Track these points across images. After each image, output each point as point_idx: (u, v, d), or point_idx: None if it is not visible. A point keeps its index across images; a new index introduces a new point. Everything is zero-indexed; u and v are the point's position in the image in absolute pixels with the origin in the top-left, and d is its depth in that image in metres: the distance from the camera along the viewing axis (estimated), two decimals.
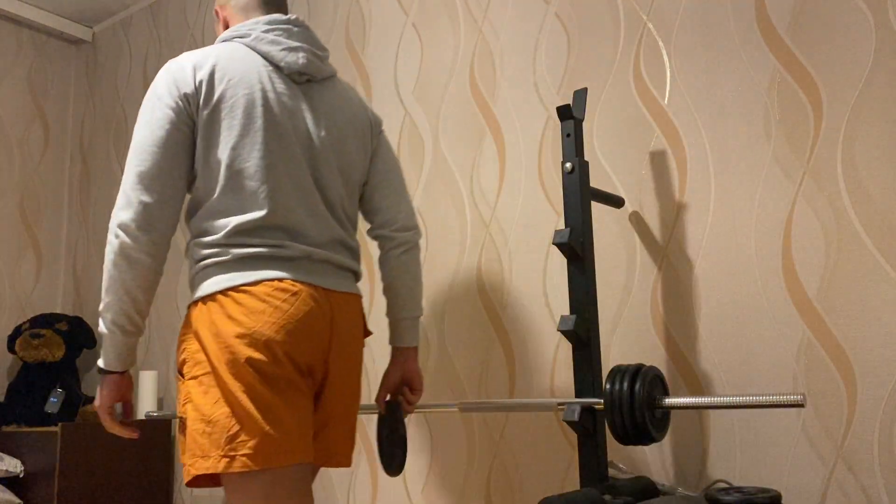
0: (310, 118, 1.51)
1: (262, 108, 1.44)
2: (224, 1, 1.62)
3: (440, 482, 2.18)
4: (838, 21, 1.66)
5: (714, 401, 1.43)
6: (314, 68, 1.53)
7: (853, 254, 1.58)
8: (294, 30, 1.53)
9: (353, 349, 1.51)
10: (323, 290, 1.44)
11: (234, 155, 1.41)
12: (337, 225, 1.52)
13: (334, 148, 1.53)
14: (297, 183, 1.45)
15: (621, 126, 1.96)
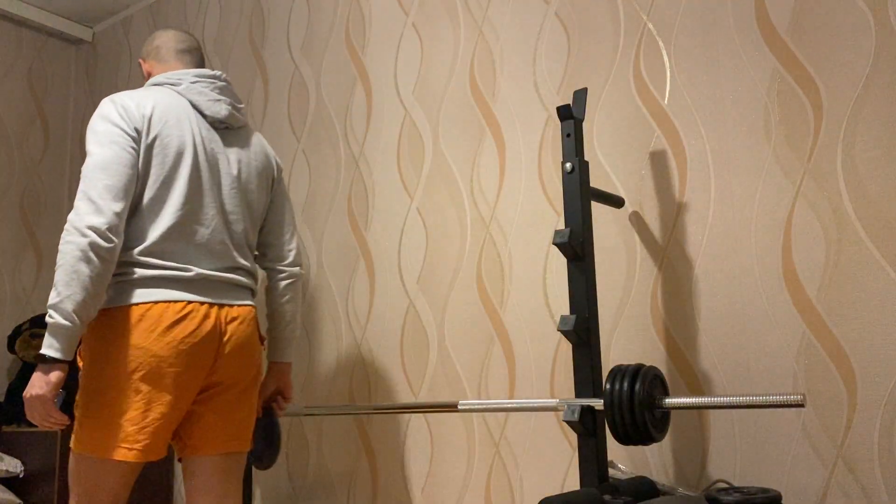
0: (225, 161, 1.77)
1: (190, 148, 1.69)
2: (146, 54, 1.91)
3: (440, 482, 2.18)
4: (838, 21, 1.66)
5: (714, 401, 1.43)
6: (233, 119, 1.80)
7: (853, 254, 1.59)
8: (218, 83, 1.81)
9: (244, 353, 1.71)
10: (217, 306, 1.68)
11: (160, 187, 1.65)
12: (237, 253, 1.76)
13: (243, 187, 1.79)
14: (206, 215, 1.70)
15: (621, 126, 1.96)
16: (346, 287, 2.50)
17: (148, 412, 1.57)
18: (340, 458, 2.43)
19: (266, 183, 1.86)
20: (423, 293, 2.30)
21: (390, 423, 2.32)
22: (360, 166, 2.53)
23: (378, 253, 2.43)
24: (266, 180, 1.86)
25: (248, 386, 1.73)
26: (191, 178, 1.68)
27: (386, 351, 2.36)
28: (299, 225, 2.67)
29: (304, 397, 2.55)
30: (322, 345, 2.53)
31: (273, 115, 2.84)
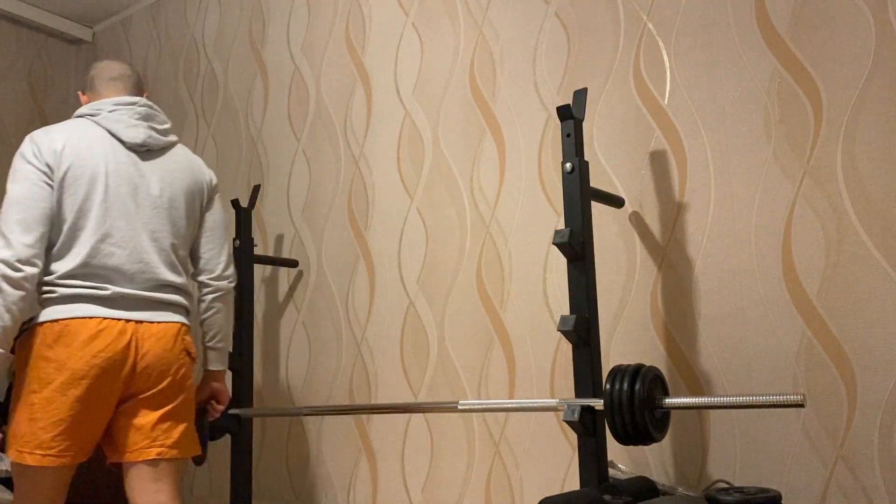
0: (146, 183, 1.87)
1: (103, 176, 1.81)
2: (83, 87, 2.01)
3: (440, 482, 2.18)
4: (838, 21, 1.66)
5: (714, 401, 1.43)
6: (152, 141, 1.90)
7: (853, 254, 1.59)
8: (137, 109, 1.91)
9: (161, 368, 1.80)
10: (134, 322, 1.78)
11: (76, 216, 1.78)
12: (166, 268, 1.87)
13: (167, 206, 1.89)
14: (123, 237, 1.82)
15: (621, 126, 1.96)
16: (346, 287, 2.50)
17: (61, 421, 1.68)
18: (340, 458, 2.43)
19: (196, 200, 1.96)
20: (423, 293, 2.30)
21: (390, 423, 2.32)
22: (360, 166, 2.53)
23: (378, 253, 2.43)
24: (196, 197, 1.96)
25: (168, 398, 1.82)
26: (105, 204, 1.80)
27: (386, 351, 2.36)
28: (299, 225, 2.67)
29: (304, 397, 2.56)
30: (322, 345, 2.53)
31: (273, 115, 2.84)
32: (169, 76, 3.32)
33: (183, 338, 1.87)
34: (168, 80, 3.32)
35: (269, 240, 2.77)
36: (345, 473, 2.41)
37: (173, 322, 1.86)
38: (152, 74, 3.40)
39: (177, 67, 3.29)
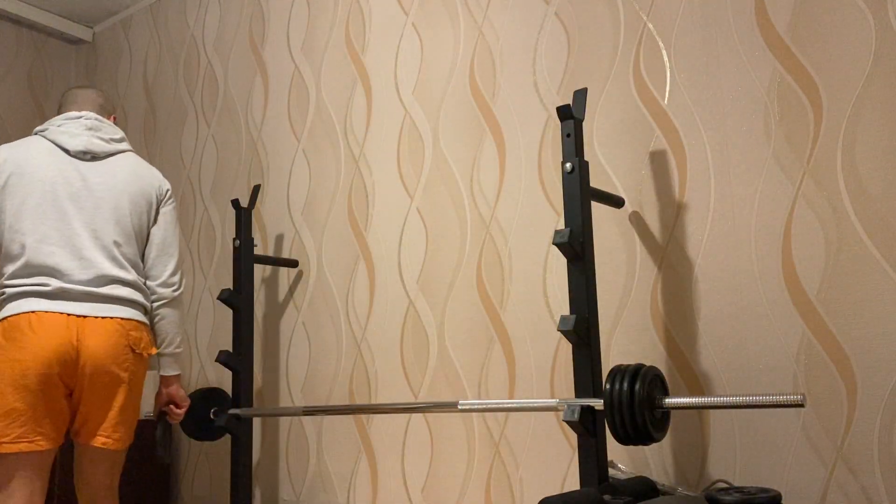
0: (88, 184, 2.00)
1: (40, 182, 1.95)
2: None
3: (440, 482, 2.18)
4: (838, 21, 1.66)
5: (714, 401, 1.43)
6: (95, 148, 2.04)
7: (853, 254, 1.59)
8: (83, 122, 2.06)
9: (102, 362, 1.89)
10: (75, 318, 1.88)
11: (14, 220, 1.92)
12: (110, 264, 1.97)
13: (110, 206, 2.00)
14: (62, 236, 1.94)
15: (621, 126, 1.96)
16: (346, 287, 2.50)
17: (13, 411, 1.80)
18: (340, 458, 2.43)
19: (142, 203, 2.07)
20: (423, 293, 2.30)
21: (390, 423, 2.32)
22: (360, 166, 2.53)
23: (378, 253, 2.43)
24: (141, 200, 2.07)
25: (109, 392, 1.92)
26: (41, 207, 1.94)
27: (386, 351, 2.36)
28: (299, 225, 2.67)
29: (304, 397, 2.56)
30: (322, 345, 2.53)
31: (273, 115, 2.84)
32: (169, 76, 3.32)
33: (128, 333, 1.94)
34: (168, 80, 3.32)
35: (269, 240, 2.77)
36: (345, 473, 2.41)
37: (117, 318, 1.94)
38: (152, 74, 3.40)
39: (177, 67, 3.29)
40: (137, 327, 1.98)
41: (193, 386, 2.92)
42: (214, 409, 2.39)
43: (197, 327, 2.95)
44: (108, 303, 1.94)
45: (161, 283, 2.09)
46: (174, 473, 2.92)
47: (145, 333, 2.00)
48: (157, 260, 2.11)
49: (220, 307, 2.89)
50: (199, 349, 2.94)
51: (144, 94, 3.42)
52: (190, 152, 3.15)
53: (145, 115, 3.39)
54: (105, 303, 1.94)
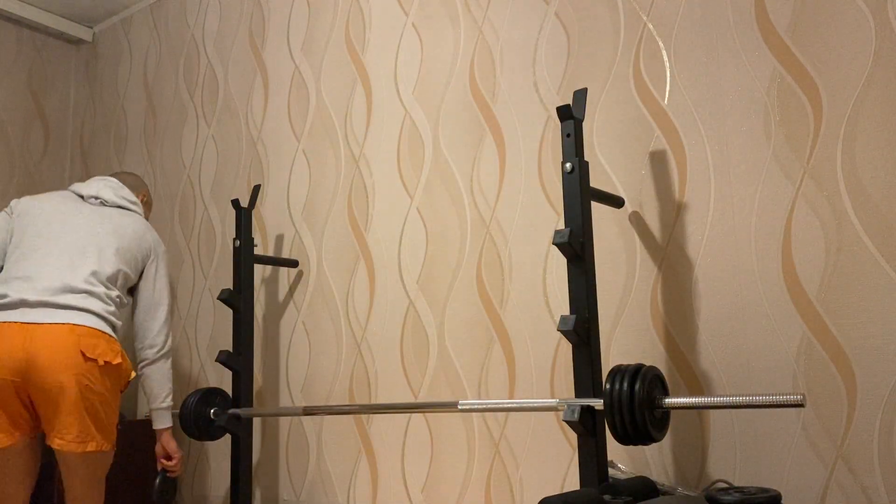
0: (86, 219, 2.23)
1: (43, 215, 2.21)
2: None
3: (440, 482, 2.18)
4: (838, 21, 1.66)
5: (714, 401, 1.43)
6: (106, 195, 2.33)
7: (853, 254, 1.59)
8: (106, 180, 2.38)
9: (52, 364, 1.98)
10: (28, 325, 2.01)
11: (13, 248, 2.18)
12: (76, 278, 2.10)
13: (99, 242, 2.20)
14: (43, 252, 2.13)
15: (621, 126, 1.96)
16: (346, 287, 2.50)
17: None
18: (340, 458, 2.43)
19: (132, 253, 2.27)
20: (423, 293, 2.30)
21: (390, 423, 2.32)
22: (360, 166, 2.53)
23: (378, 253, 2.43)
24: (132, 251, 2.27)
25: (58, 395, 2.00)
26: (37, 232, 2.17)
27: (386, 351, 2.36)
28: (299, 225, 2.67)
29: (304, 397, 2.56)
30: (322, 345, 2.53)
31: (273, 115, 2.84)
32: (169, 76, 3.32)
33: (80, 339, 2.02)
34: (168, 80, 3.32)
35: (269, 240, 2.77)
36: (345, 473, 2.41)
37: (69, 323, 2.03)
38: (152, 74, 3.40)
39: (177, 67, 3.29)
40: (92, 334, 2.05)
41: (193, 386, 2.92)
42: (214, 409, 2.39)
43: (197, 327, 2.95)
44: (62, 309, 2.05)
45: (146, 346, 2.28)
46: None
47: (102, 341, 2.06)
48: (142, 323, 2.29)
49: (220, 307, 2.89)
50: (199, 349, 2.94)
51: (144, 94, 3.42)
52: (190, 152, 3.15)
53: (145, 115, 3.39)
54: (59, 309, 2.05)
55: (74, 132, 3.74)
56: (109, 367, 2.06)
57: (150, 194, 2.60)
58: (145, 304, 2.30)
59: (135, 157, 3.40)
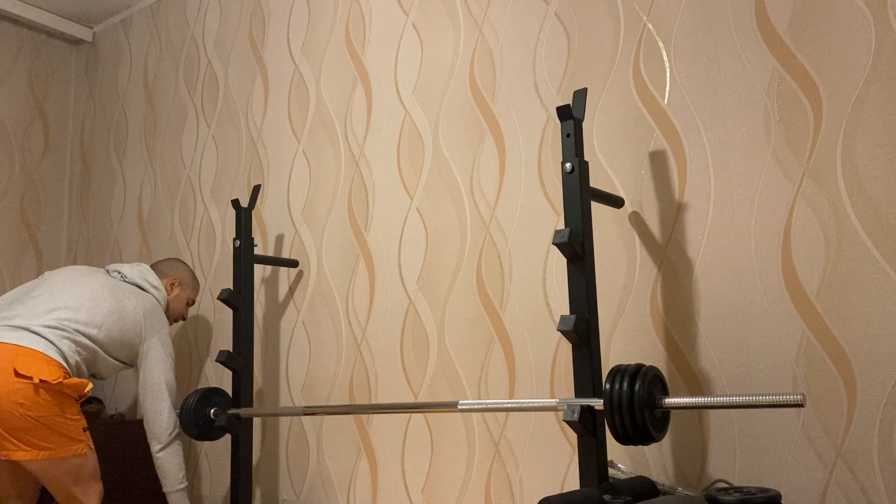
0: (99, 286, 2.39)
1: (57, 278, 2.40)
2: None
3: (440, 482, 2.18)
4: (838, 21, 1.66)
5: (714, 401, 1.43)
6: (127, 272, 2.53)
7: (853, 254, 1.59)
8: (141, 265, 2.60)
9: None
10: None
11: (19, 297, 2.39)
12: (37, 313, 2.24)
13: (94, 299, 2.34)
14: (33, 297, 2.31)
15: (621, 126, 1.96)
16: (346, 287, 2.50)
17: None
18: (340, 458, 2.43)
19: (131, 326, 2.39)
20: (423, 293, 2.30)
21: (390, 423, 2.32)
22: (360, 166, 2.53)
23: (378, 253, 2.43)
24: (132, 326, 2.39)
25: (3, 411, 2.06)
26: (39, 288, 2.36)
27: (386, 351, 2.36)
28: (299, 225, 2.67)
29: (304, 397, 2.56)
30: (322, 345, 2.53)
31: (273, 115, 2.84)
32: (169, 76, 3.32)
33: (14, 358, 2.09)
34: (168, 80, 3.32)
35: (269, 240, 2.77)
36: (345, 473, 2.41)
37: (11, 344, 2.12)
38: (152, 74, 3.40)
39: (177, 67, 3.29)
40: (32, 354, 2.12)
41: (193, 386, 2.92)
42: (214, 409, 2.39)
43: (197, 327, 2.95)
44: (16, 330, 2.17)
45: (156, 432, 2.38)
46: None
47: (41, 362, 2.11)
48: (149, 408, 2.39)
49: (220, 307, 2.89)
50: (199, 349, 2.94)
51: (144, 94, 3.42)
52: (190, 152, 3.15)
53: (145, 115, 3.39)
54: (13, 330, 2.17)
55: (74, 132, 3.74)
56: (47, 385, 2.09)
57: (189, 278, 2.68)
58: (145, 388, 2.40)
59: (135, 157, 3.40)
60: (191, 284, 2.69)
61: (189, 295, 2.68)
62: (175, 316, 2.66)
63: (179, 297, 2.64)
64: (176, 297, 2.63)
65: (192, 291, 2.70)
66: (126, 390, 3.18)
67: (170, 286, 2.62)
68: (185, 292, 2.67)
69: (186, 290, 2.67)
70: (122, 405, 3.18)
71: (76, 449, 2.16)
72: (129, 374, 3.18)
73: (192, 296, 2.69)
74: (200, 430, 2.37)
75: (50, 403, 2.11)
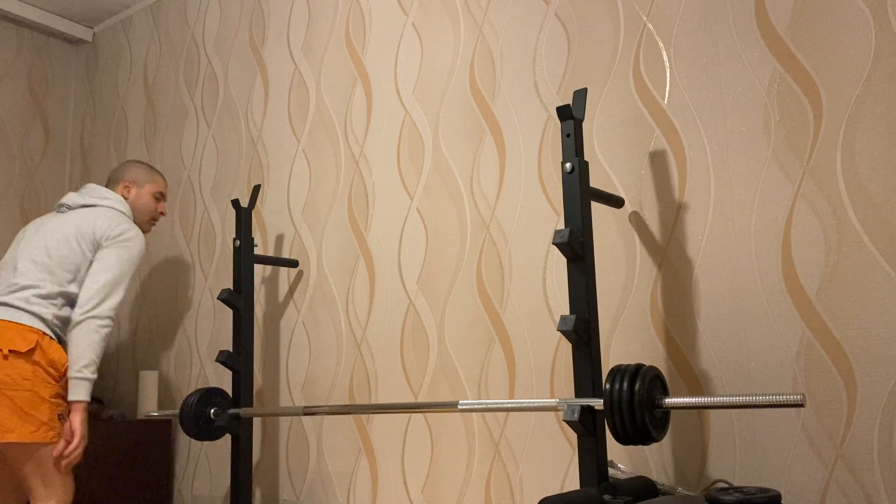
0: (51, 227, 2.35)
1: (21, 242, 2.38)
2: None
3: (440, 482, 2.18)
4: (838, 21, 1.66)
5: (714, 401, 1.43)
6: (70, 200, 2.44)
7: (853, 254, 1.59)
8: (84, 186, 2.49)
9: None
10: None
11: None
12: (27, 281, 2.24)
13: (55, 244, 2.30)
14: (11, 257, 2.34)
15: (621, 126, 1.96)
16: (346, 287, 2.50)
17: None
18: (340, 458, 2.43)
19: (85, 244, 2.31)
20: (423, 293, 2.30)
21: (390, 423, 2.32)
22: (360, 166, 2.53)
23: (378, 253, 2.43)
24: (85, 242, 2.31)
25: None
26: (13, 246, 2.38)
27: (386, 351, 2.36)
28: (299, 225, 2.67)
29: (304, 397, 2.56)
30: (322, 345, 2.53)
31: (273, 115, 2.84)
32: (169, 76, 3.32)
33: (12, 334, 2.09)
34: (168, 80, 3.32)
35: (269, 240, 2.77)
36: (345, 473, 2.41)
37: (12, 321, 2.12)
38: (152, 74, 3.40)
39: (177, 67, 3.29)
40: (6, 326, 2.11)
41: (193, 386, 2.92)
42: (214, 409, 2.39)
43: (197, 327, 2.95)
44: (10, 310, 2.16)
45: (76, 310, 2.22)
46: (174, 473, 2.92)
47: (10, 331, 2.10)
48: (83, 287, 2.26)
49: (220, 307, 2.89)
50: (199, 349, 2.94)
51: (144, 94, 3.42)
52: (190, 152, 3.15)
53: (145, 115, 3.39)
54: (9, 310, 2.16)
55: (74, 132, 3.74)
56: (17, 355, 2.05)
57: (143, 173, 2.58)
58: (92, 272, 2.28)
59: (135, 157, 3.40)
60: (148, 178, 2.58)
61: (151, 190, 2.57)
62: (146, 215, 2.57)
63: (141, 196, 2.54)
64: (136, 197, 2.53)
65: (154, 185, 2.58)
66: (126, 390, 3.18)
67: (125, 190, 2.52)
68: (145, 188, 2.56)
69: (145, 185, 2.56)
70: (122, 405, 3.18)
71: (46, 436, 2.09)
72: (129, 374, 3.18)
73: (155, 189, 2.58)
74: (200, 430, 2.37)
75: (20, 377, 2.06)
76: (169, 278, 3.11)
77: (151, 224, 2.60)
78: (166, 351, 3.05)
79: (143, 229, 2.57)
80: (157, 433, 2.83)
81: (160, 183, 2.61)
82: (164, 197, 2.61)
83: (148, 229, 2.60)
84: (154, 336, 3.12)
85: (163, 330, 3.09)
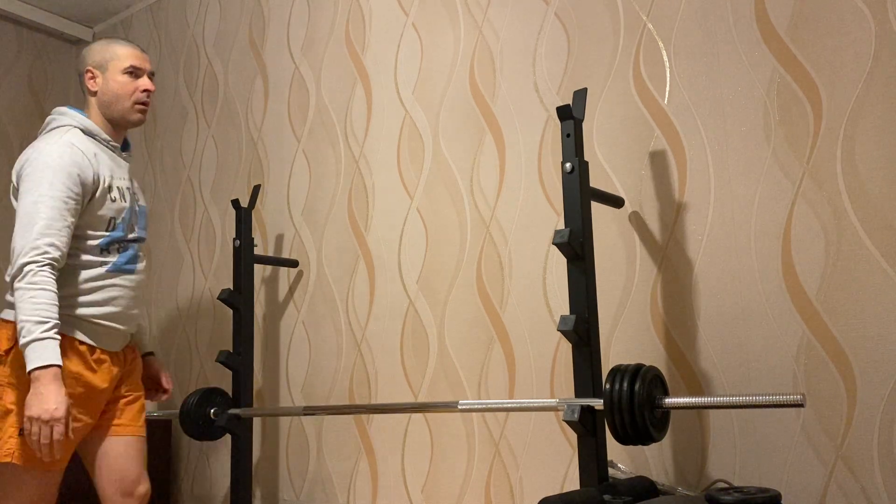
0: None
1: None
2: None
3: (440, 482, 2.18)
4: (838, 21, 1.66)
5: (714, 401, 1.43)
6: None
7: (853, 254, 1.59)
8: None
9: None
10: None
11: None
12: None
13: None
14: None
15: (621, 126, 1.96)
16: (346, 287, 2.50)
17: None
18: (340, 458, 2.43)
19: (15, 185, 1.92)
20: (423, 293, 2.30)
21: (390, 423, 2.32)
22: (360, 166, 2.53)
23: (378, 253, 2.43)
24: (15, 181, 1.92)
25: None
26: None
27: (386, 351, 2.36)
28: (299, 225, 2.67)
29: (304, 397, 2.56)
30: (322, 345, 2.53)
31: (273, 115, 2.84)
32: (169, 76, 3.32)
33: None
34: (168, 80, 3.32)
35: (269, 240, 2.77)
36: (345, 473, 2.41)
37: None
38: None
39: (177, 67, 3.29)
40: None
41: (193, 386, 2.92)
42: (214, 409, 2.39)
43: (197, 327, 2.95)
44: None
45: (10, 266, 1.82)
46: (174, 473, 2.92)
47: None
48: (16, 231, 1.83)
49: (220, 307, 2.89)
50: (199, 349, 2.94)
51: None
52: (190, 152, 3.15)
53: None
54: None
55: None
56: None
57: (99, 51, 2.05)
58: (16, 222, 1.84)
59: (135, 156, 3.40)
60: (109, 55, 2.03)
61: (118, 67, 2.02)
62: (126, 101, 2.03)
63: (108, 81, 2.02)
64: (103, 84, 2.02)
65: (118, 61, 2.02)
66: None
67: (90, 83, 2.05)
68: (109, 69, 2.03)
69: (107, 64, 2.03)
70: None
71: None
72: None
73: (121, 66, 2.02)
74: (200, 430, 2.37)
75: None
76: (169, 278, 3.11)
77: (139, 109, 2.04)
78: (166, 351, 3.06)
79: (132, 119, 2.04)
80: (157, 433, 2.83)
81: (126, 55, 2.02)
82: (139, 70, 2.03)
83: (138, 118, 2.05)
84: (154, 336, 3.12)
85: (163, 330, 3.09)
